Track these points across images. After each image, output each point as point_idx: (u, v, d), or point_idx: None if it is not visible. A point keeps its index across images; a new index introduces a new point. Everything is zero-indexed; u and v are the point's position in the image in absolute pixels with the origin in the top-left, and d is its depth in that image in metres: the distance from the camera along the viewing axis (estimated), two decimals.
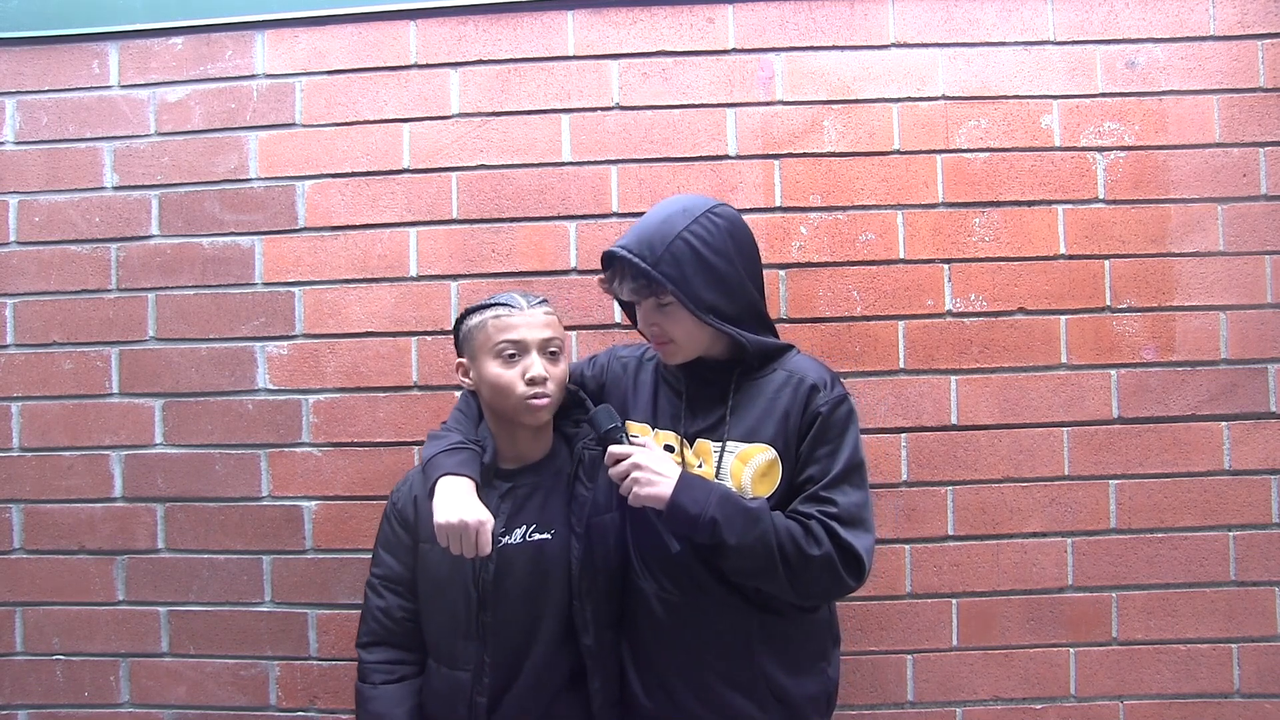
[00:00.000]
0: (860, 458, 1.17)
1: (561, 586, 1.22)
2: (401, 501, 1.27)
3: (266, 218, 1.65)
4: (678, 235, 1.13)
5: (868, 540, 1.13)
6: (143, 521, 1.65)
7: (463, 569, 1.19)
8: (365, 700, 1.22)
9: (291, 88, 1.65)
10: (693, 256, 1.13)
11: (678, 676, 1.21)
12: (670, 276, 1.12)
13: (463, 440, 1.21)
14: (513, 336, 1.19)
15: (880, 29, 1.62)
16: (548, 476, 1.26)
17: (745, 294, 1.18)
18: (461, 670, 1.20)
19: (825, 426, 1.15)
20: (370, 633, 1.26)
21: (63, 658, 1.66)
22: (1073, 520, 1.59)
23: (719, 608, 1.18)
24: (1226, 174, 1.60)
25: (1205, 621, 1.59)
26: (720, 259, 1.14)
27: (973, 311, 1.60)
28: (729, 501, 1.11)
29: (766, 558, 1.09)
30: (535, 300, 1.24)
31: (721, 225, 1.16)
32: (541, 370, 1.18)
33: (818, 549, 1.09)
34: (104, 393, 1.66)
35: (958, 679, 1.59)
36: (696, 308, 1.13)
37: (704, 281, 1.13)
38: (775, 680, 1.19)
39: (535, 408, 1.19)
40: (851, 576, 1.12)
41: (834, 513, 1.12)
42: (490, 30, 1.64)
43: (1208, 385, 1.59)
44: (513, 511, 1.22)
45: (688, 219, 1.14)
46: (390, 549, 1.27)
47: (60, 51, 1.68)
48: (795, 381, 1.18)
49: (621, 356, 1.37)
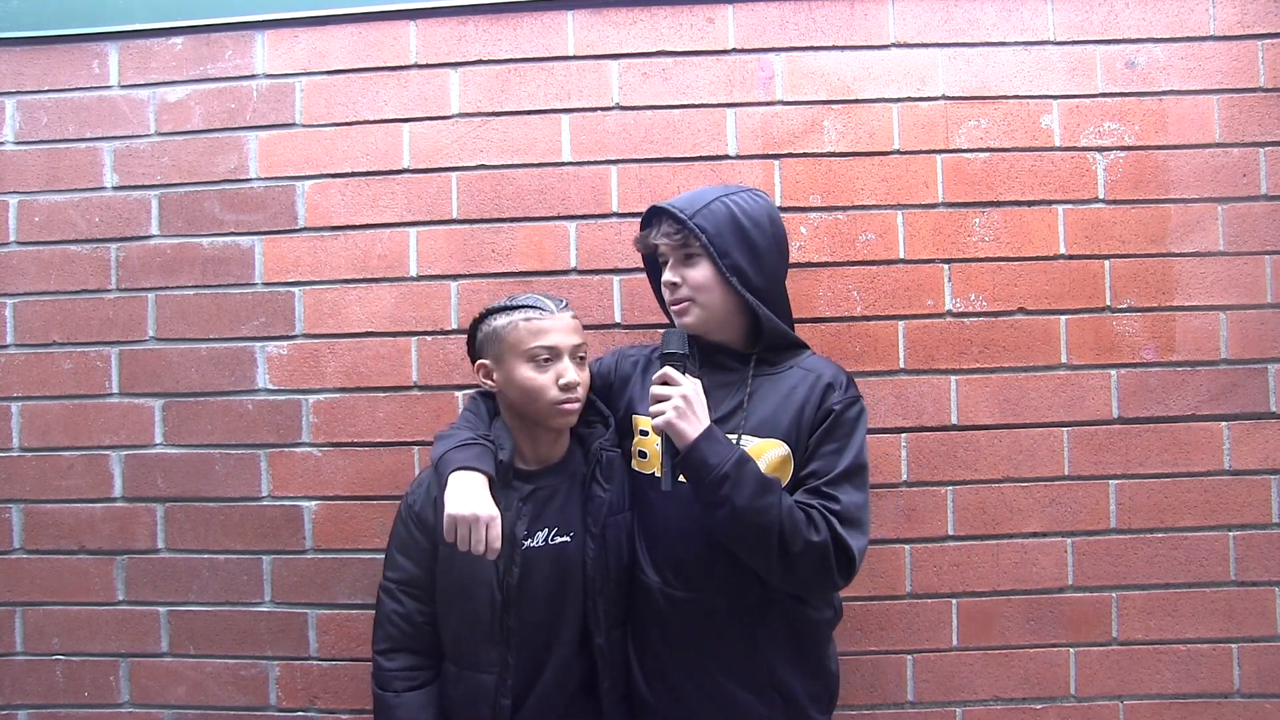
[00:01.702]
0: (864, 460, 1.18)
1: (580, 587, 1.23)
2: (419, 504, 1.25)
3: (266, 218, 1.65)
4: (718, 198, 1.21)
5: (862, 542, 1.14)
6: (143, 521, 1.65)
7: (486, 572, 1.19)
8: (389, 709, 1.20)
9: (291, 88, 1.65)
10: (730, 218, 1.19)
11: (681, 671, 1.21)
12: (704, 229, 1.18)
13: (473, 436, 1.21)
14: (547, 342, 1.19)
15: (880, 29, 1.62)
16: (565, 479, 1.26)
17: (772, 270, 1.23)
18: (485, 673, 1.20)
19: (836, 424, 1.17)
20: (389, 638, 1.24)
21: (63, 658, 1.66)
22: (1073, 520, 1.59)
23: (723, 602, 1.18)
24: (1226, 174, 1.60)
25: (1205, 621, 1.59)
26: (756, 229, 1.20)
27: (973, 311, 1.60)
28: (746, 465, 1.11)
29: (765, 530, 1.09)
30: (561, 304, 1.25)
31: (762, 203, 1.25)
32: (575, 376, 1.20)
33: (817, 535, 1.10)
34: (104, 393, 1.66)
35: (958, 679, 1.59)
36: (723, 262, 1.17)
37: (735, 242, 1.18)
38: (779, 675, 1.20)
39: (567, 412, 1.20)
40: (841, 573, 1.12)
41: (835, 509, 1.13)
42: (490, 30, 1.64)
43: (1208, 385, 1.59)
44: (534, 514, 1.22)
45: (728, 191, 1.24)
46: (406, 552, 1.25)
47: (60, 51, 1.68)
48: (812, 379, 1.21)
49: (630, 355, 1.38)
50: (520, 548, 1.20)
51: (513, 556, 1.19)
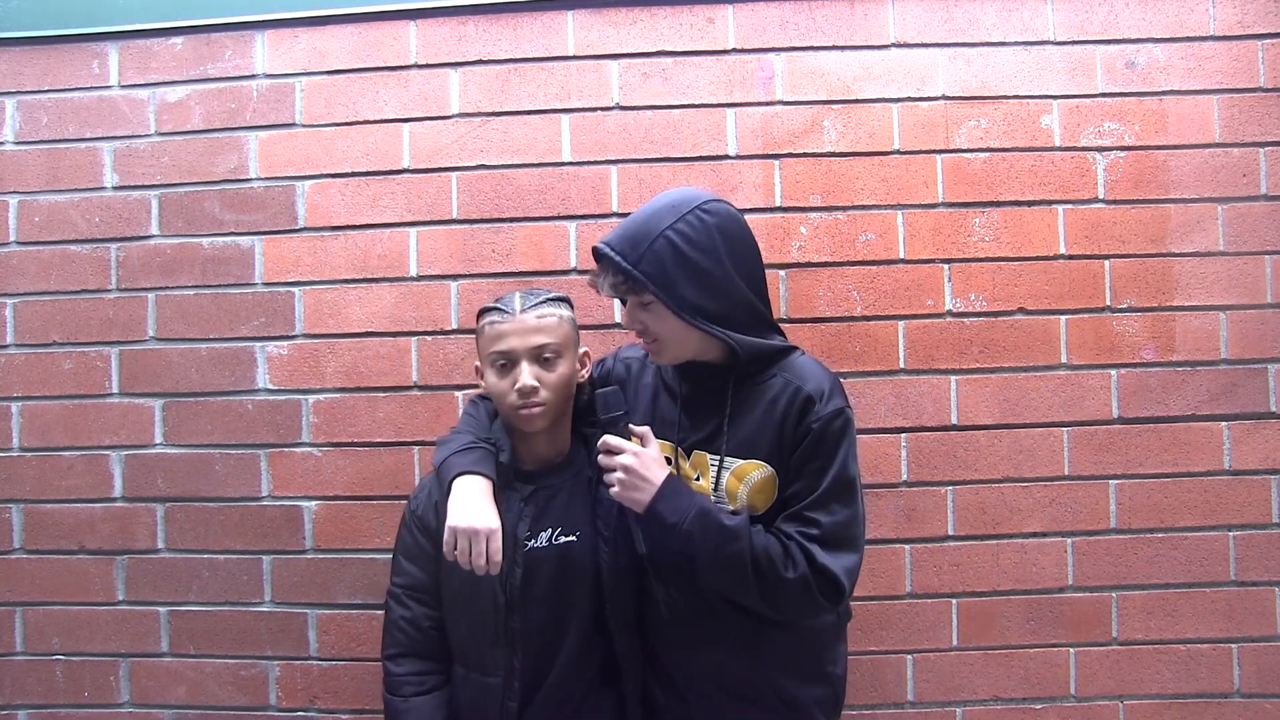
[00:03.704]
0: (850, 474, 1.13)
1: (587, 588, 1.22)
2: (421, 508, 1.25)
3: (266, 218, 1.65)
4: (660, 233, 1.09)
5: (851, 560, 1.11)
6: (143, 521, 1.65)
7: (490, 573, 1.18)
8: (398, 714, 1.20)
9: (291, 88, 1.65)
10: (674, 255, 1.09)
11: (685, 679, 1.21)
12: (650, 275, 1.09)
13: (474, 440, 1.21)
14: (502, 347, 1.18)
15: (880, 29, 1.62)
16: (568, 478, 1.26)
17: (734, 293, 1.14)
18: (492, 676, 1.19)
19: (817, 441, 1.12)
20: (397, 644, 1.23)
21: (63, 658, 1.66)
22: (1073, 520, 1.59)
23: (723, 615, 1.17)
24: (1226, 174, 1.60)
25: (1205, 621, 1.59)
26: (705, 257, 1.10)
27: (973, 311, 1.60)
28: (707, 517, 1.09)
29: (739, 574, 1.08)
30: (534, 300, 1.21)
31: (709, 222, 1.11)
32: (530, 380, 1.16)
33: (793, 571, 1.07)
34: (104, 393, 1.66)
35: (958, 679, 1.59)
36: (679, 308, 1.10)
37: (686, 280, 1.09)
38: (783, 686, 1.18)
39: (525, 417, 1.18)
40: (828, 599, 1.09)
41: (815, 535, 1.09)
42: (490, 30, 1.64)
43: (1208, 385, 1.59)
44: (537, 515, 1.21)
45: (674, 215, 1.11)
46: (412, 557, 1.24)
47: (60, 51, 1.68)
48: (792, 391, 1.14)
49: (626, 358, 1.35)
50: (523, 549, 1.19)
51: (515, 558, 1.18)
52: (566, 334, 1.23)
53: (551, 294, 1.25)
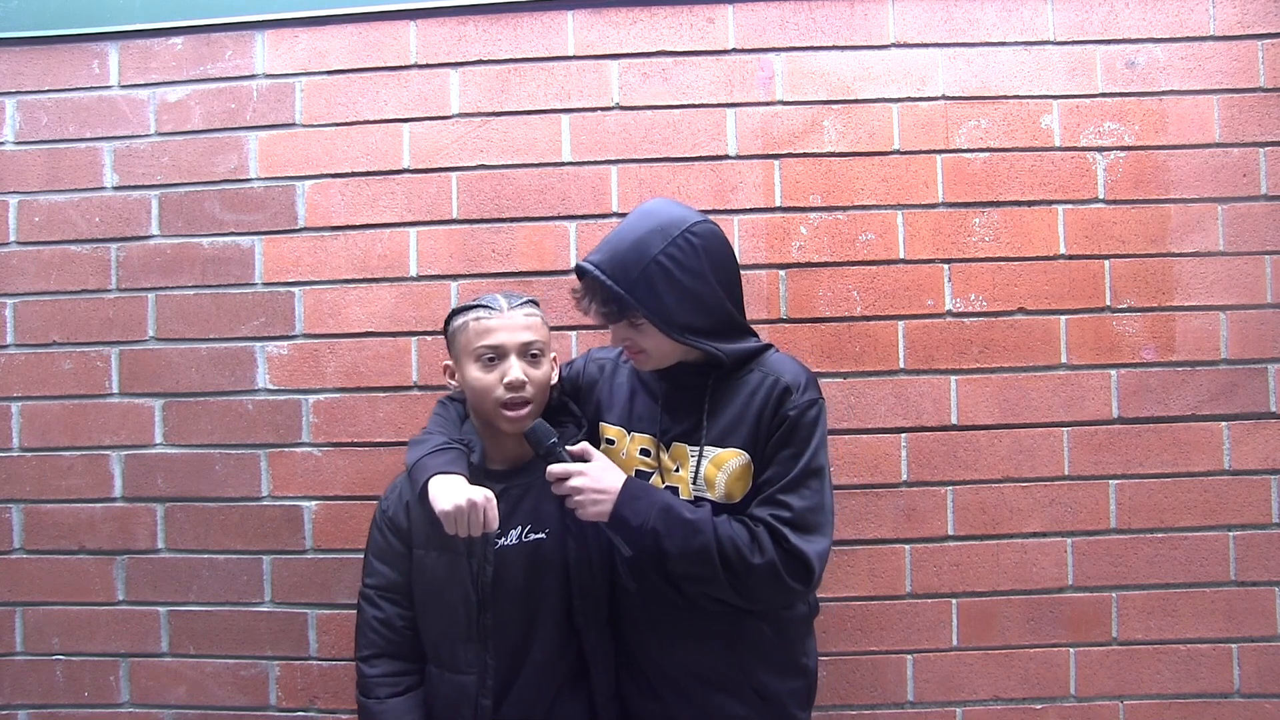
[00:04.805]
0: (820, 463, 1.16)
1: (557, 584, 1.23)
2: (392, 509, 1.26)
3: (266, 218, 1.65)
4: (652, 259, 1.11)
5: (821, 545, 1.13)
6: (143, 521, 1.65)
7: (461, 572, 1.19)
8: (373, 716, 1.20)
9: (291, 88, 1.65)
10: (667, 280, 1.11)
11: (660, 674, 1.22)
12: (644, 301, 1.12)
13: (447, 441, 1.21)
14: (492, 341, 1.19)
15: (880, 29, 1.62)
16: (537, 477, 1.25)
17: (720, 309, 1.18)
18: (465, 674, 1.20)
19: (792, 429, 1.15)
20: (370, 645, 1.23)
21: (63, 658, 1.66)
22: (1073, 520, 1.59)
23: (701, 609, 1.18)
24: (1226, 174, 1.60)
25: (1205, 621, 1.59)
26: (695, 280, 1.13)
27: (973, 311, 1.60)
28: (670, 512, 1.12)
29: (707, 565, 1.10)
30: (518, 301, 1.23)
31: (697, 245, 1.14)
32: (520, 374, 1.18)
33: (760, 557, 1.09)
34: (104, 393, 1.66)
35: (958, 679, 1.59)
36: (671, 329, 1.13)
37: (677, 302, 1.13)
38: (757, 677, 1.20)
39: (511, 418, 1.19)
40: (798, 581, 1.11)
41: (786, 517, 1.12)
42: (490, 30, 1.64)
43: (1208, 385, 1.59)
44: (507, 513, 1.22)
45: (664, 240, 1.12)
46: (384, 558, 1.25)
47: (60, 51, 1.68)
48: (770, 383, 1.18)
49: (598, 359, 1.37)
50: (494, 546, 1.20)
51: (486, 555, 1.19)
52: (547, 335, 1.26)
53: (528, 296, 1.27)
